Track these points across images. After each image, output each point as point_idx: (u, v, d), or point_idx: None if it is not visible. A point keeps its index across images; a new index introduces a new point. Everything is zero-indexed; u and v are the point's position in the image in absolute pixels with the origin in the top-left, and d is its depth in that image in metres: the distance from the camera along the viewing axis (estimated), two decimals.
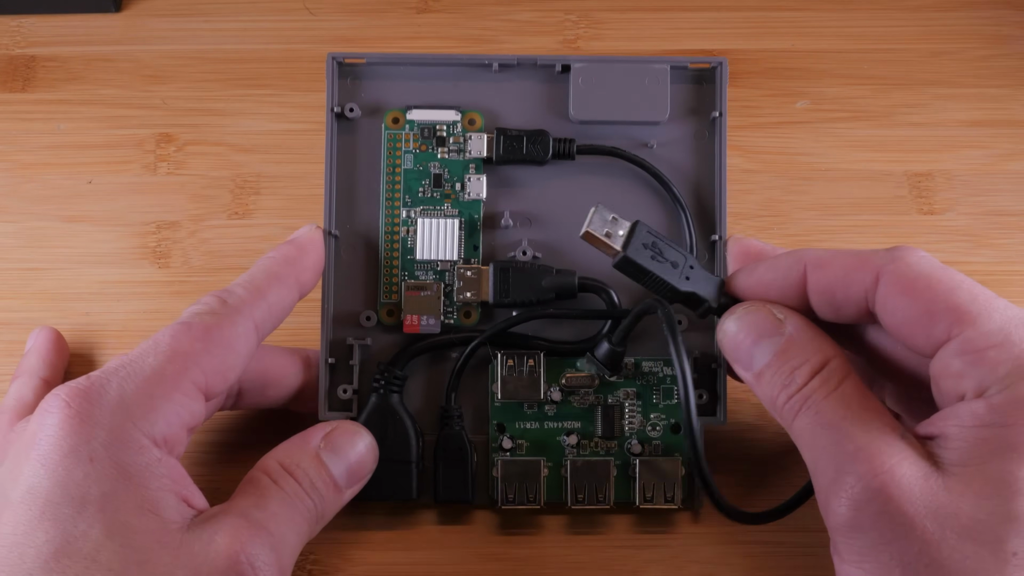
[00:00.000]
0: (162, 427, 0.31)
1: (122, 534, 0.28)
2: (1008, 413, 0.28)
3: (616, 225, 0.35)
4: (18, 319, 0.42)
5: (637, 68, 0.38)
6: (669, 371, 0.38)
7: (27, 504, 0.29)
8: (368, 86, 0.39)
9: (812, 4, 0.51)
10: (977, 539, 0.27)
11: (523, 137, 0.38)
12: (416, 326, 0.38)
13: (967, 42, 0.49)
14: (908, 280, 0.30)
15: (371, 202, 0.39)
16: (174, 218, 0.45)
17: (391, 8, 0.50)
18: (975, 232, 0.44)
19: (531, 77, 0.39)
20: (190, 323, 0.33)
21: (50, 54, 0.49)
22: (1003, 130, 0.47)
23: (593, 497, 0.36)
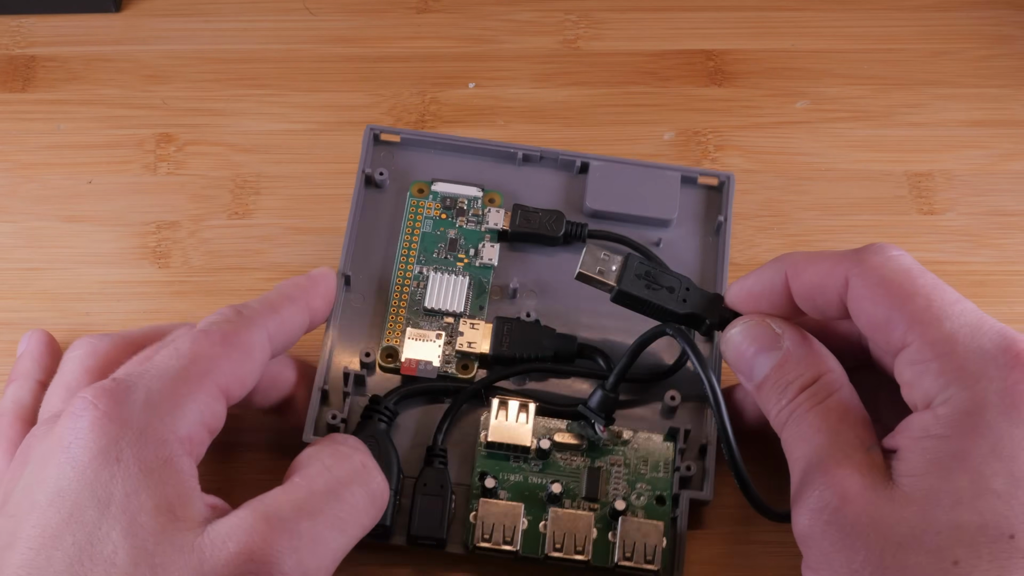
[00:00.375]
0: (186, 425, 0.31)
1: (138, 535, 0.28)
2: (950, 424, 0.29)
3: (609, 262, 0.37)
4: (18, 319, 0.42)
5: (651, 172, 0.41)
6: (659, 447, 0.38)
7: (56, 507, 0.29)
8: (399, 155, 0.42)
9: (812, 4, 0.51)
10: (919, 548, 0.28)
11: (539, 214, 0.40)
12: (414, 369, 0.38)
13: (967, 42, 0.50)
14: (871, 285, 0.31)
15: (387, 255, 0.40)
16: (174, 218, 0.45)
17: (391, 8, 0.50)
18: (975, 232, 0.44)
19: (551, 168, 0.42)
20: (208, 330, 0.33)
21: (50, 54, 0.49)
22: (1003, 130, 0.47)
23: (571, 548, 0.35)
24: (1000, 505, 0.27)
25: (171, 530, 0.29)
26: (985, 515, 0.27)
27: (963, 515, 0.28)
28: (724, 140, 0.47)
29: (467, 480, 0.37)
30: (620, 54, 0.49)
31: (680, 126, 0.47)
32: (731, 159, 0.46)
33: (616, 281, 0.36)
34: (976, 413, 0.28)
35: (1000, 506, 0.27)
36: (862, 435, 0.31)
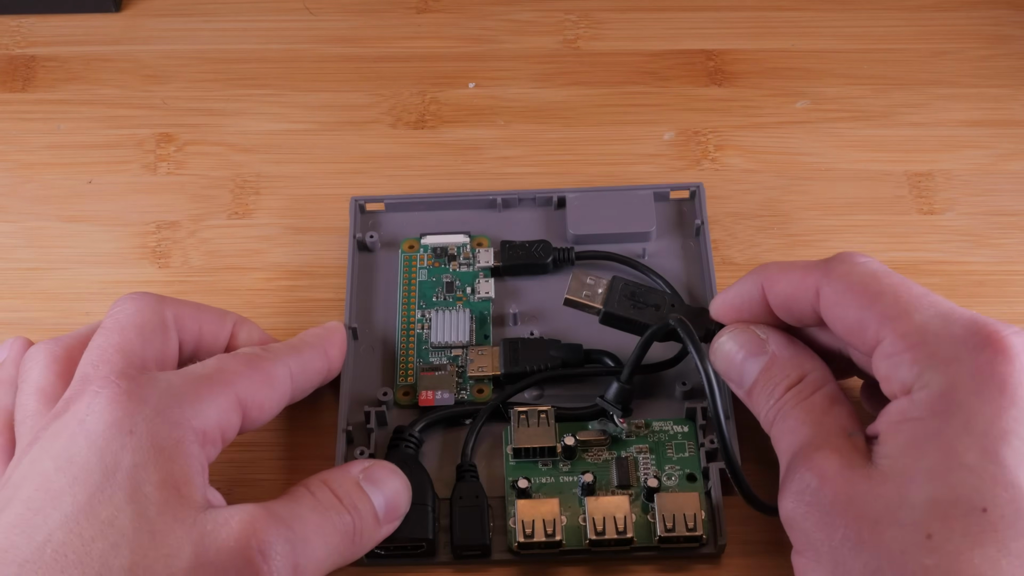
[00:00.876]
0: (202, 420, 0.31)
1: (141, 503, 0.29)
2: (925, 407, 0.29)
3: (595, 285, 0.38)
4: (18, 319, 0.42)
5: (625, 194, 0.43)
6: (680, 428, 0.38)
7: (61, 472, 0.29)
8: (386, 219, 0.43)
9: (812, 4, 0.51)
10: (895, 523, 0.28)
11: (526, 245, 0.42)
12: (431, 400, 0.39)
13: (967, 42, 0.50)
14: (840, 292, 0.32)
15: (389, 306, 0.41)
16: (174, 218, 0.45)
17: (391, 8, 0.50)
18: (975, 232, 0.44)
19: (531, 207, 0.44)
20: (235, 355, 0.34)
21: (50, 54, 0.49)
22: (1003, 130, 0.47)
23: (613, 530, 0.35)
24: (972, 479, 0.28)
25: (174, 504, 0.29)
26: (957, 489, 0.28)
27: (936, 490, 0.28)
28: (724, 140, 0.47)
29: (500, 492, 0.37)
30: (620, 54, 0.49)
31: (680, 126, 0.47)
32: (731, 159, 0.46)
33: (603, 303, 0.38)
34: (949, 394, 0.29)
35: (972, 480, 0.28)
36: (845, 424, 0.32)
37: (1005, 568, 0.27)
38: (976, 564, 0.27)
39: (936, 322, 0.30)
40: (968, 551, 0.27)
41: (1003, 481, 0.28)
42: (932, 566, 0.27)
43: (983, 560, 0.27)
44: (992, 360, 0.29)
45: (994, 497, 0.28)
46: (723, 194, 0.45)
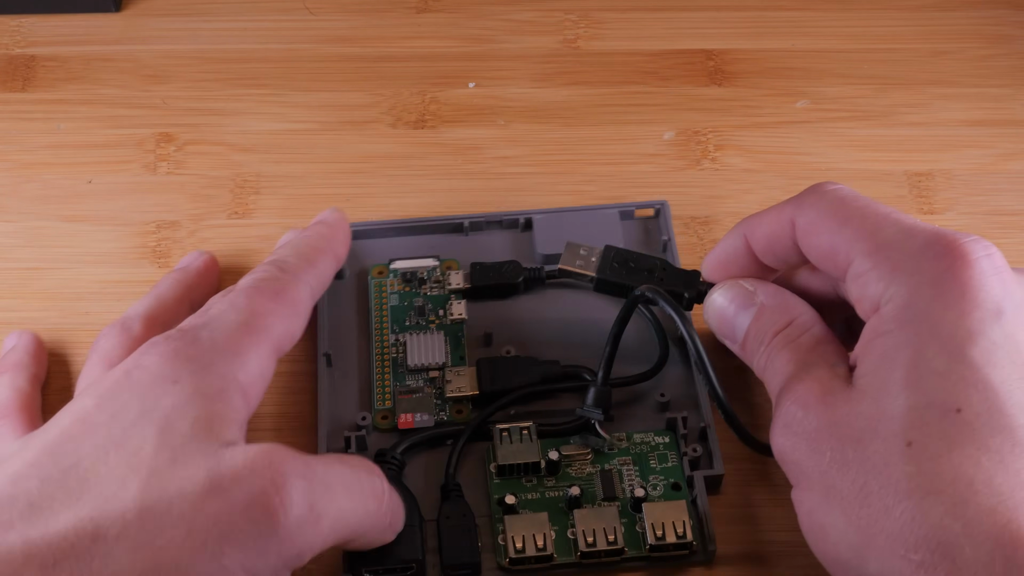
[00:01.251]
0: (247, 374, 0.32)
1: (169, 434, 0.29)
2: (892, 319, 0.30)
3: (588, 255, 0.39)
4: (18, 319, 0.42)
5: (590, 214, 0.43)
6: (662, 440, 0.38)
7: (100, 407, 0.30)
8: (354, 247, 0.41)
9: (812, 4, 0.51)
10: (876, 437, 0.29)
11: (496, 266, 0.41)
12: (411, 422, 0.38)
13: (967, 42, 0.50)
14: (813, 221, 0.33)
15: (362, 332, 0.41)
16: (174, 218, 0.45)
17: (391, 8, 0.50)
18: (975, 232, 0.44)
19: (498, 229, 0.43)
20: (259, 286, 0.34)
21: (50, 54, 0.49)
22: (1003, 130, 0.47)
23: (603, 540, 0.35)
24: (943, 383, 0.28)
25: (201, 437, 0.30)
26: (930, 394, 0.28)
27: (910, 398, 0.29)
28: (724, 140, 0.47)
29: (485, 512, 0.37)
30: (620, 54, 0.49)
31: (680, 126, 0.47)
32: (731, 159, 0.46)
33: (596, 271, 0.38)
34: (913, 304, 0.30)
35: (943, 384, 0.28)
36: (829, 358, 0.32)
37: (985, 464, 0.27)
38: (956, 464, 0.27)
39: (898, 237, 0.31)
40: (947, 453, 0.28)
41: (973, 380, 0.28)
42: (914, 472, 0.28)
43: (963, 459, 0.28)
44: (952, 266, 0.29)
45: (967, 397, 0.28)
46: (723, 194, 0.45)
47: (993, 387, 0.28)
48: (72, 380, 0.42)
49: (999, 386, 0.28)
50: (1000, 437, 0.28)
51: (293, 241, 0.38)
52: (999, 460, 0.27)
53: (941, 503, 0.27)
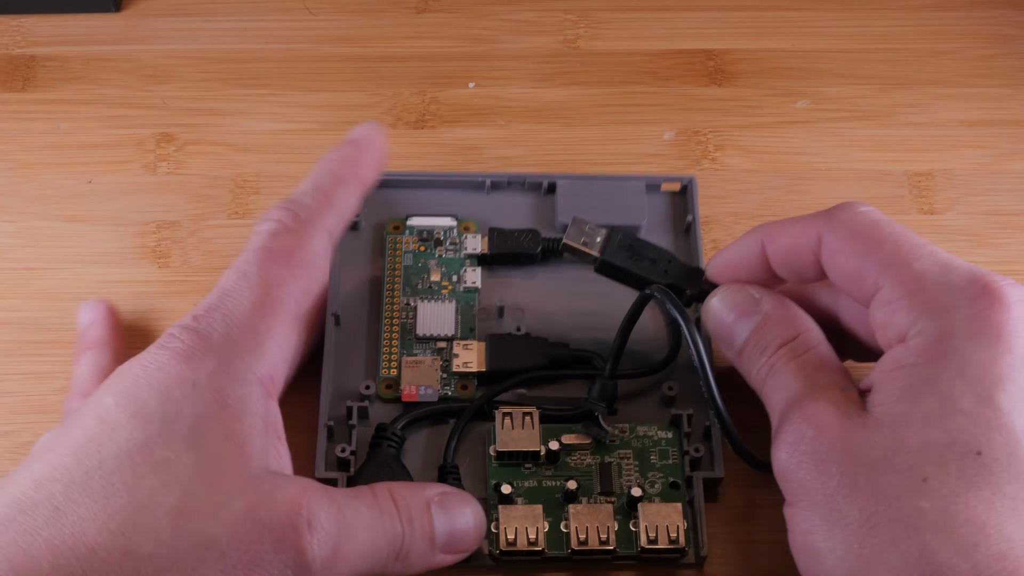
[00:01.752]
0: (266, 364, 0.31)
1: (200, 452, 0.29)
2: (920, 353, 0.30)
3: (593, 234, 0.38)
4: (18, 319, 0.42)
5: (616, 184, 0.42)
6: (664, 435, 0.38)
7: (121, 407, 0.30)
8: (371, 198, 0.40)
9: (812, 4, 0.51)
10: (891, 468, 0.28)
11: (515, 234, 0.41)
12: (415, 395, 0.38)
13: (967, 42, 0.50)
14: (842, 240, 0.32)
15: (373, 291, 0.41)
16: (174, 218, 0.45)
17: (391, 8, 0.50)
18: (975, 232, 0.44)
19: (520, 191, 0.43)
20: (271, 248, 0.33)
21: (50, 54, 0.49)
22: (1003, 130, 0.47)
23: (596, 539, 0.35)
24: (967, 423, 0.28)
25: (235, 459, 0.30)
26: (952, 433, 0.28)
27: (932, 434, 0.28)
28: (724, 140, 0.47)
29: (482, 494, 0.37)
30: (620, 54, 0.49)
31: (680, 126, 0.47)
32: (731, 159, 0.46)
33: (600, 252, 0.38)
34: (945, 340, 0.29)
35: (967, 424, 0.28)
36: (838, 379, 0.32)
37: (999, 509, 0.27)
38: (971, 506, 0.27)
39: (935, 271, 0.30)
40: (963, 493, 0.28)
41: (997, 425, 0.28)
42: (928, 508, 0.28)
43: (978, 502, 0.27)
44: (988, 308, 0.29)
45: (989, 440, 0.28)
46: (723, 194, 0.45)
47: (1016, 433, 0.28)
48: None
49: (1021, 433, 0.28)
50: (1017, 484, 0.28)
51: (315, 170, 0.36)
52: (1012, 507, 0.27)
53: (951, 543, 0.27)
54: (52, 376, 0.41)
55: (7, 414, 0.41)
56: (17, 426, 0.41)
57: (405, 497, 0.33)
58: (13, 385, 0.41)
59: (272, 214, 0.34)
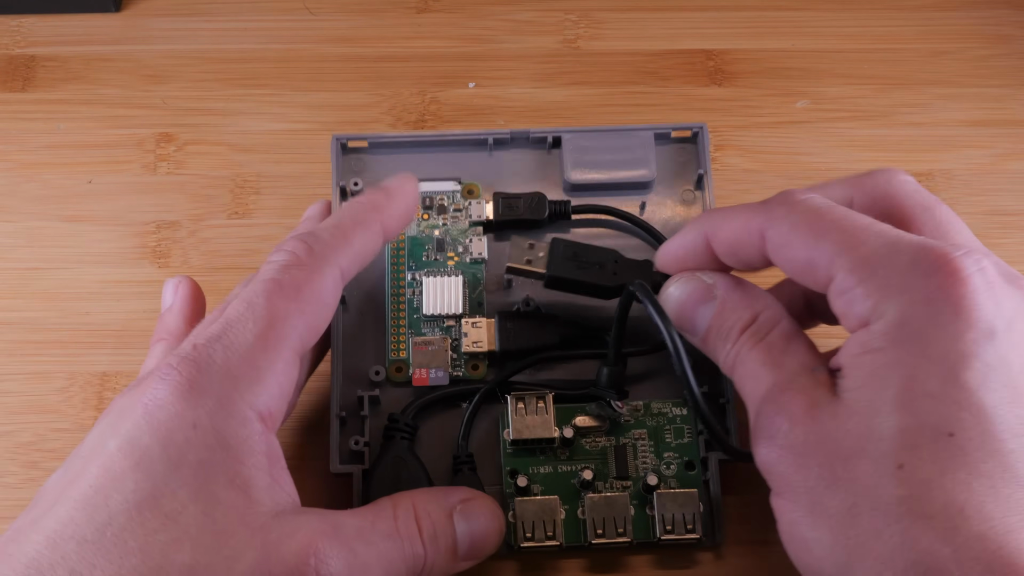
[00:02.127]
0: (266, 399, 0.31)
1: (207, 502, 0.29)
2: (883, 337, 0.29)
3: (535, 249, 0.38)
4: (18, 319, 0.42)
5: (623, 136, 0.41)
6: (679, 411, 0.38)
7: (124, 454, 0.29)
8: (371, 162, 0.40)
9: (812, 4, 0.51)
10: (865, 457, 0.28)
11: (521, 199, 0.40)
12: (425, 379, 0.38)
13: (967, 42, 0.50)
14: (785, 233, 0.31)
15: (377, 265, 0.40)
16: (174, 218, 0.45)
17: (391, 8, 0.50)
18: (975, 232, 0.44)
19: (524, 148, 0.42)
20: (281, 280, 0.32)
21: (50, 54, 0.49)
22: (1003, 130, 0.47)
23: (613, 531, 0.36)
24: (936, 405, 0.28)
25: (241, 507, 0.29)
26: (921, 416, 0.28)
27: (902, 420, 0.28)
28: (724, 140, 0.47)
29: (497, 481, 0.37)
30: (620, 54, 0.49)
31: None
32: (731, 159, 0.46)
33: (546, 268, 0.37)
34: (906, 323, 0.29)
35: (936, 406, 0.28)
36: (805, 360, 0.31)
37: (976, 489, 0.27)
38: (948, 489, 0.27)
39: (884, 251, 0.30)
40: (939, 477, 0.27)
41: (967, 404, 0.28)
42: (906, 496, 0.27)
43: (954, 484, 0.27)
44: (944, 284, 0.29)
45: (959, 421, 0.28)
46: (723, 194, 0.45)
47: (986, 411, 0.28)
48: (74, 380, 0.42)
49: (992, 410, 0.28)
50: (992, 462, 0.27)
51: (340, 210, 0.36)
52: (990, 486, 0.27)
53: (932, 528, 0.27)
54: (52, 376, 0.41)
55: (7, 414, 0.41)
56: (17, 426, 0.41)
57: (429, 513, 0.33)
58: (13, 385, 0.41)
59: (287, 245, 0.33)
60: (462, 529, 0.33)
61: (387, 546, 0.32)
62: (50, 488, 0.31)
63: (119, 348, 0.42)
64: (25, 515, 0.30)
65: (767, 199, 0.33)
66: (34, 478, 0.40)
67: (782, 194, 0.32)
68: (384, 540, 0.32)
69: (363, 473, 0.37)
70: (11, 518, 0.39)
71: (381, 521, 0.32)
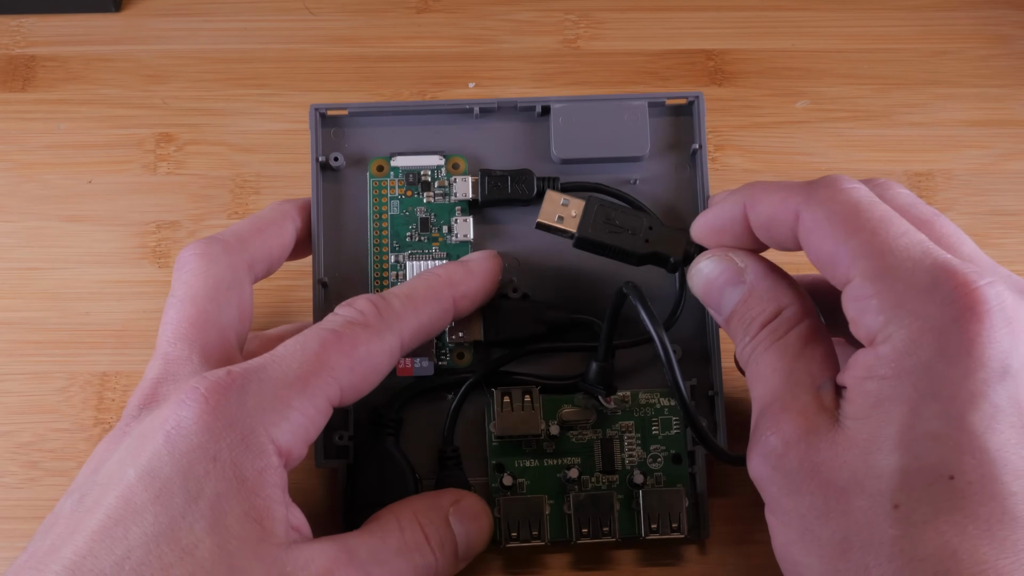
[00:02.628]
0: (289, 437, 0.30)
1: (222, 536, 0.29)
2: (890, 365, 0.28)
3: (569, 207, 0.36)
4: (18, 319, 0.42)
5: (616, 106, 0.38)
6: (667, 402, 0.37)
7: (144, 484, 0.29)
8: (351, 135, 0.39)
9: (812, 4, 0.51)
10: (861, 493, 0.28)
11: (507, 177, 0.38)
12: (409, 369, 0.37)
13: (967, 42, 0.50)
14: (819, 220, 0.30)
15: (359, 248, 0.38)
16: (174, 218, 0.45)
17: (391, 8, 0.50)
18: (975, 232, 0.44)
19: (512, 119, 0.39)
20: (341, 333, 0.32)
21: (50, 54, 0.49)
22: (1003, 130, 0.47)
23: (598, 530, 0.36)
24: (938, 447, 0.27)
25: (256, 540, 0.29)
26: (922, 458, 0.27)
27: (902, 459, 0.28)
28: (724, 140, 0.47)
29: (483, 472, 0.37)
30: (620, 54, 0.49)
31: None
32: (731, 159, 0.46)
33: (577, 228, 0.36)
34: (914, 353, 0.28)
35: (938, 448, 0.27)
36: (816, 372, 0.31)
37: (972, 533, 0.27)
38: (943, 532, 0.27)
39: (907, 266, 0.28)
40: (934, 520, 0.27)
41: (969, 448, 0.27)
42: (900, 536, 0.27)
43: (949, 527, 0.27)
44: (959, 317, 0.27)
45: (960, 464, 0.27)
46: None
47: (990, 454, 0.27)
48: (74, 380, 0.42)
49: (996, 453, 0.27)
50: (990, 506, 0.27)
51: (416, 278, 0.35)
52: (986, 529, 0.27)
53: (923, 571, 0.27)
54: (52, 376, 0.41)
55: (7, 414, 0.41)
56: (17, 426, 0.41)
57: (432, 520, 0.33)
58: (13, 385, 0.42)
59: (358, 303, 0.33)
60: (459, 531, 0.34)
61: (400, 562, 0.32)
62: (66, 514, 0.30)
63: (119, 348, 0.42)
64: (41, 539, 0.30)
65: (814, 180, 0.32)
66: (34, 478, 0.40)
67: (829, 178, 0.31)
68: (396, 557, 0.32)
69: (347, 469, 0.37)
70: (11, 518, 0.39)
71: (389, 537, 0.32)
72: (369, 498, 0.36)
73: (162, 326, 0.33)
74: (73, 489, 0.31)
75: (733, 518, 0.38)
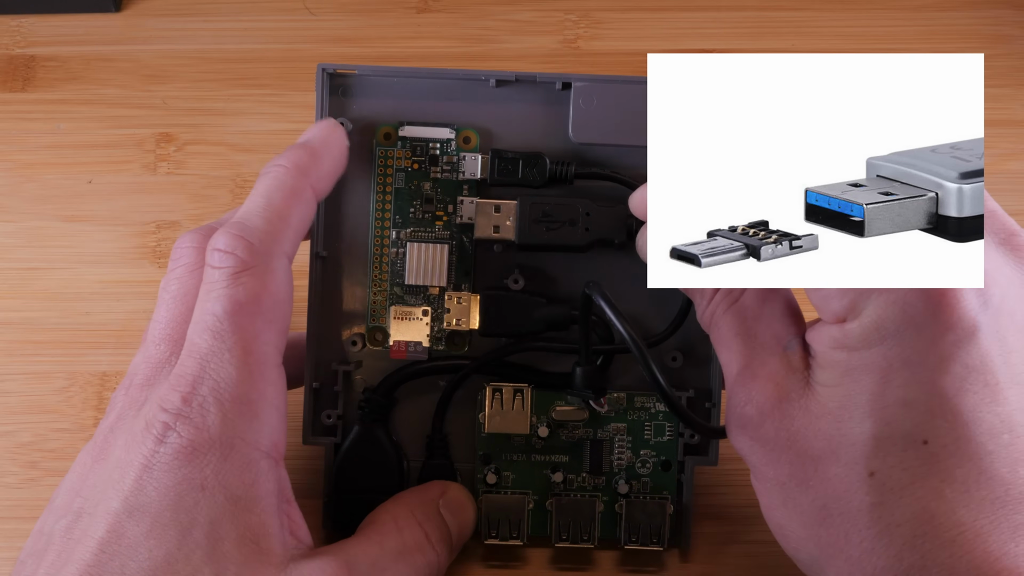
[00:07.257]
0: (267, 433, 0.30)
1: (220, 564, 0.28)
2: (860, 337, 0.28)
3: (503, 213, 0.36)
4: (18, 319, 0.42)
5: (640, 89, 0.36)
6: (662, 408, 0.37)
7: (135, 520, 0.28)
8: (360, 101, 0.37)
9: (812, 4, 0.51)
10: (836, 461, 0.28)
11: (519, 160, 0.36)
12: (403, 352, 0.37)
13: (967, 42, 0.49)
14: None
15: (360, 220, 0.37)
16: (174, 218, 0.45)
17: (391, 8, 0.50)
18: None
19: (529, 94, 0.37)
20: (238, 299, 0.30)
21: (50, 54, 0.49)
22: (1003, 130, 0.47)
23: (578, 536, 0.36)
24: (911, 414, 0.27)
25: (254, 562, 0.29)
26: (894, 425, 0.27)
27: (875, 426, 0.28)
28: None
29: (471, 459, 0.37)
30: (620, 54, 0.49)
31: None
32: None
33: (515, 235, 0.36)
34: (883, 324, 0.28)
35: (910, 414, 0.27)
36: (779, 331, 0.30)
37: (948, 496, 0.27)
38: (919, 497, 0.27)
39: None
40: (910, 485, 0.27)
41: (941, 411, 0.27)
42: (876, 503, 0.27)
43: (926, 491, 0.27)
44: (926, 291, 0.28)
45: (934, 428, 0.27)
46: None
47: (962, 416, 0.27)
48: (74, 380, 0.42)
49: (968, 414, 0.27)
50: (966, 467, 0.27)
51: (263, 181, 0.32)
52: (963, 491, 0.27)
53: (901, 536, 0.27)
54: (52, 376, 0.41)
55: (7, 414, 0.41)
56: (17, 426, 0.41)
57: (429, 516, 0.33)
58: (13, 385, 0.42)
59: (223, 243, 0.30)
60: (451, 522, 0.34)
61: (401, 567, 0.32)
62: (56, 535, 0.30)
63: (119, 348, 0.42)
64: (35, 562, 0.29)
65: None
66: (34, 478, 0.40)
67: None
68: (397, 561, 0.32)
69: (335, 449, 0.37)
70: (11, 518, 0.39)
71: (388, 540, 0.32)
72: (354, 482, 0.36)
73: (151, 323, 0.33)
74: (57, 506, 0.31)
75: (717, 519, 0.38)
